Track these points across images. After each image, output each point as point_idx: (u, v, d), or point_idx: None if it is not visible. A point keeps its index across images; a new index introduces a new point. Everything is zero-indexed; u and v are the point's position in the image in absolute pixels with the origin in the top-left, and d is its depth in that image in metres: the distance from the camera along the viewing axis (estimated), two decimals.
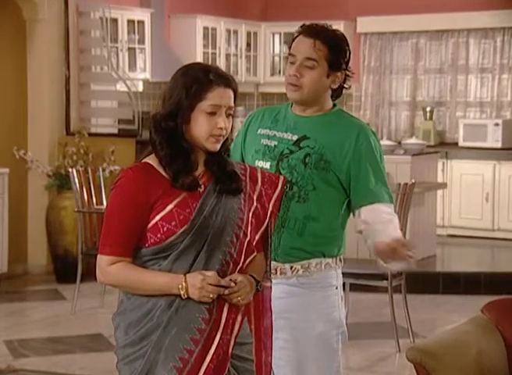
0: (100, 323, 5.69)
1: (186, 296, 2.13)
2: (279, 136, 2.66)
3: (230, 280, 2.16)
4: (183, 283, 2.12)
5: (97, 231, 6.09)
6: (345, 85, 2.66)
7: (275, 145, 2.65)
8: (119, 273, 2.16)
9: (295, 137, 2.65)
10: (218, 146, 2.21)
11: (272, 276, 2.55)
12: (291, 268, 2.61)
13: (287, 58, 2.64)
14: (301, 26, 2.66)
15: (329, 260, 2.65)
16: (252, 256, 2.26)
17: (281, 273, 2.61)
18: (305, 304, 2.61)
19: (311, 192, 2.61)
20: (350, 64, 2.66)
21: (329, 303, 2.65)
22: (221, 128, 2.17)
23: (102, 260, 2.18)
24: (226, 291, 2.14)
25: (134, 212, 2.16)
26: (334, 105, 2.70)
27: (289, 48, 2.64)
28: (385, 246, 2.44)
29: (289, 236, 2.61)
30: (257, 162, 2.66)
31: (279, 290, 2.58)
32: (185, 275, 2.13)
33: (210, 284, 2.12)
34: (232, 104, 2.19)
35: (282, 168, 2.64)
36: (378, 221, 2.59)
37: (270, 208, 2.30)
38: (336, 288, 2.68)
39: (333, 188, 2.62)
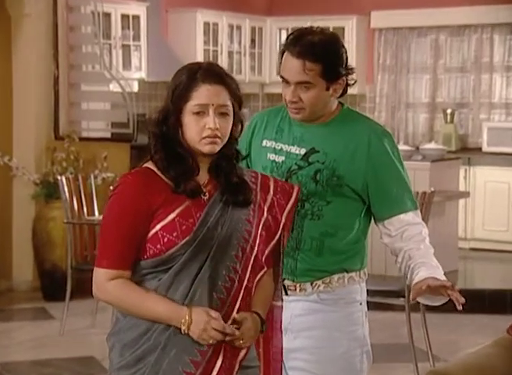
0: (91, 345, 5.69)
1: (186, 332, 2.14)
2: (286, 150, 2.66)
3: (234, 320, 2.15)
4: (187, 318, 2.13)
5: (89, 244, 6.10)
6: (349, 82, 2.65)
7: (282, 161, 2.65)
8: (117, 291, 2.16)
9: (303, 151, 2.64)
10: (216, 148, 2.21)
11: (289, 293, 2.59)
12: (311, 284, 2.63)
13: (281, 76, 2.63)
14: (287, 38, 2.61)
15: (353, 274, 2.67)
16: (261, 273, 2.26)
17: (300, 290, 2.62)
18: (327, 321, 2.62)
19: (325, 207, 2.61)
20: (350, 61, 2.63)
21: (353, 320, 2.66)
22: (210, 128, 2.18)
23: (99, 274, 2.18)
24: (228, 338, 2.15)
25: (134, 221, 2.16)
26: (341, 104, 2.69)
27: (280, 64, 2.62)
28: (427, 288, 2.46)
29: (307, 257, 2.61)
30: None
31: (298, 307, 2.61)
32: (190, 308, 2.13)
33: (213, 328, 2.13)
34: (223, 102, 2.19)
35: None
36: (407, 237, 2.61)
37: (283, 219, 2.30)
38: (361, 304, 2.69)
39: (349, 199, 2.63)
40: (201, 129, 2.19)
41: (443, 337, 5.89)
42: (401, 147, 7.41)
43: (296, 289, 2.62)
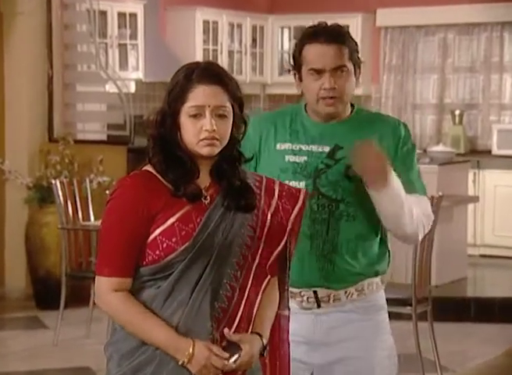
0: (86, 355, 5.68)
1: (184, 364, 2.14)
2: (307, 149, 2.66)
3: (230, 342, 2.14)
4: (190, 350, 2.13)
5: (84, 250, 6.10)
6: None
7: (305, 161, 2.65)
8: (119, 306, 2.16)
9: (326, 149, 2.65)
10: (215, 150, 2.21)
11: (323, 305, 2.61)
12: (345, 293, 2.65)
13: (296, 72, 2.64)
14: (302, 35, 2.65)
15: (378, 279, 2.71)
16: (265, 282, 2.25)
17: (334, 300, 2.65)
18: (363, 330, 2.67)
19: (359, 208, 2.63)
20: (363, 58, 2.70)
21: (384, 328, 2.73)
22: (207, 130, 2.18)
23: (101, 283, 2.18)
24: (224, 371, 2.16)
25: (135, 225, 2.16)
26: (352, 105, 2.73)
27: (297, 65, 2.63)
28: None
29: (344, 261, 2.63)
30: (287, 182, 2.58)
31: (333, 319, 2.64)
32: (193, 342, 2.13)
33: (213, 365, 2.13)
34: (220, 103, 2.19)
35: (321, 186, 2.63)
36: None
37: (289, 225, 2.29)
38: (386, 311, 2.76)
39: None
40: (198, 131, 2.19)
41: (452, 347, 5.88)
42: None
43: (329, 300, 2.64)
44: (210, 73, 2.21)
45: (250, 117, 2.31)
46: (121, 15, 8.04)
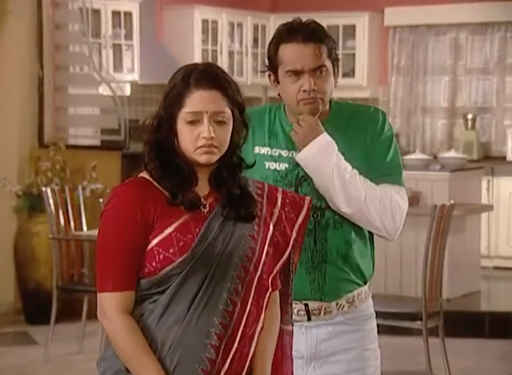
0: (79, 373, 5.68)
1: None
2: (287, 155, 2.67)
3: None
4: None
5: (76, 262, 6.11)
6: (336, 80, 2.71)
7: (286, 168, 2.66)
8: (124, 331, 2.13)
9: None
10: (213, 157, 2.20)
11: (313, 318, 2.63)
12: (337, 305, 2.67)
13: (271, 73, 2.66)
14: (280, 31, 2.65)
15: (366, 287, 2.73)
16: (267, 296, 2.25)
17: (325, 313, 2.66)
18: (355, 341, 2.69)
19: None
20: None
21: (374, 336, 2.74)
22: (205, 138, 2.18)
23: (106, 300, 2.17)
24: None
25: (134, 233, 2.16)
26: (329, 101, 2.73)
27: (272, 67, 2.65)
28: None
29: (335, 269, 2.65)
30: None
31: (322, 331, 2.66)
32: None
33: None
34: (219, 108, 2.18)
35: (303, 194, 2.61)
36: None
37: (293, 234, 2.29)
38: (375, 317, 2.77)
39: None
40: (196, 138, 2.19)
41: (464, 365, 5.87)
42: (418, 155, 7.41)
43: (320, 313, 2.65)
44: (208, 76, 2.20)
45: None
46: (115, 13, 8.05)
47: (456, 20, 9.09)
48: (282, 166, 2.66)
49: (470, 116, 9.04)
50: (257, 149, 2.69)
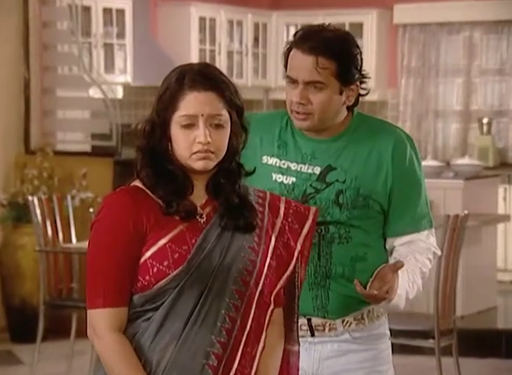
0: None
1: None
2: (296, 169, 2.66)
3: None
4: None
5: (64, 276, 6.10)
6: (361, 92, 2.68)
7: (293, 182, 2.65)
8: (116, 351, 2.13)
9: (317, 170, 2.64)
10: (210, 164, 2.20)
11: (317, 334, 2.62)
12: (343, 322, 2.67)
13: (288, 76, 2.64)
14: (294, 34, 2.64)
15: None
16: (269, 313, 2.24)
17: (330, 330, 2.66)
18: (364, 361, 2.68)
19: (353, 228, 2.65)
20: (363, 65, 2.68)
21: (385, 358, 2.73)
22: (201, 143, 2.18)
23: (98, 318, 2.16)
24: None
25: (127, 245, 2.16)
26: (351, 112, 2.71)
27: (285, 64, 2.64)
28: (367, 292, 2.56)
29: (339, 285, 2.65)
30: None
31: (327, 349, 2.66)
32: None
33: None
34: (215, 111, 2.17)
35: None
36: (411, 247, 2.70)
37: (298, 247, 2.28)
38: (389, 338, 2.76)
39: (376, 218, 2.67)
40: (191, 143, 2.18)
41: None
42: (429, 162, 7.41)
43: (325, 329, 2.65)
44: (203, 76, 2.20)
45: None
46: (107, 11, 8.07)
47: (470, 18, 9.10)
48: (290, 180, 2.66)
49: (485, 120, 9.04)
50: (265, 159, 2.69)
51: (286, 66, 2.65)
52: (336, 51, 2.58)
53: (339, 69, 2.58)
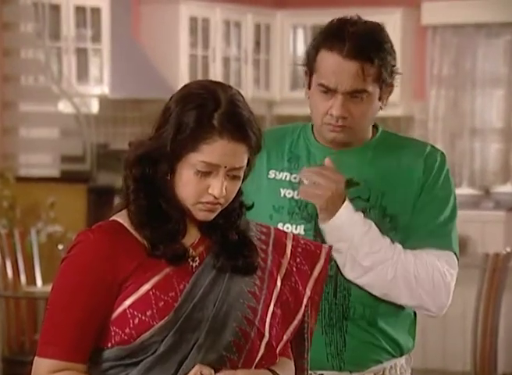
0: None
1: None
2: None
3: None
4: None
5: (27, 326, 6.09)
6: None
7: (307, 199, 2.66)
8: None
9: None
10: (212, 216, 2.21)
11: None
12: None
13: (307, 73, 2.65)
14: (327, 31, 2.63)
15: (403, 360, 2.71)
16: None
17: None
18: None
19: None
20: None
21: None
22: (213, 195, 2.18)
23: (41, 366, 2.16)
24: None
25: (95, 293, 2.16)
26: (375, 127, 2.74)
27: (309, 67, 2.64)
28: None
29: (358, 329, 2.65)
30: (281, 225, 2.64)
31: None
32: None
33: None
34: (239, 164, 2.18)
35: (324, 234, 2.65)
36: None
37: (307, 292, 2.29)
38: None
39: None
40: (202, 192, 2.18)
41: None
42: (465, 190, 7.43)
43: None
44: (235, 122, 2.18)
45: None
46: (79, 10, 8.09)
47: (511, 19, 9.15)
48: None
49: None
50: (272, 174, 2.72)
51: (310, 70, 2.64)
52: (378, 52, 2.59)
53: (381, 72, 2.61)
